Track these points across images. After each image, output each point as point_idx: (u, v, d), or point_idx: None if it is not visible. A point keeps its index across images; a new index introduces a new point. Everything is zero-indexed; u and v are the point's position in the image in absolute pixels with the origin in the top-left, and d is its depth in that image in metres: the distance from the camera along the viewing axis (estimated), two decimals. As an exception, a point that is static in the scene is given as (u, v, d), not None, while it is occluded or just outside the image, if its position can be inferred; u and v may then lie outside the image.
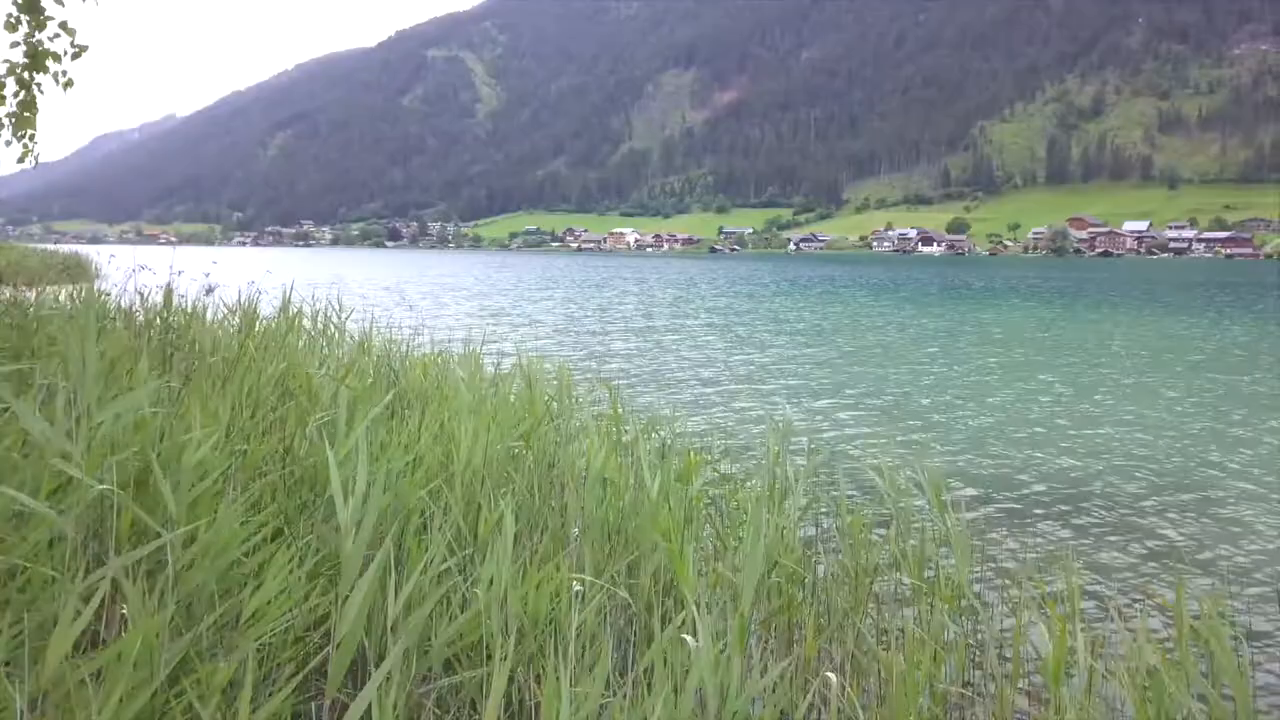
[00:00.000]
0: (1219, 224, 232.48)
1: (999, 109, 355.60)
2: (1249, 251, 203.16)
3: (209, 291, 6.79)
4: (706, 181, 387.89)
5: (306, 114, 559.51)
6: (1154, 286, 64.61)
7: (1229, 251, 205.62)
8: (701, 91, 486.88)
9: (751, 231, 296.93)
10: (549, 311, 33.98)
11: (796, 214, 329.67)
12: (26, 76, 5.81)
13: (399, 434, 4.22)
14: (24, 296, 9.04)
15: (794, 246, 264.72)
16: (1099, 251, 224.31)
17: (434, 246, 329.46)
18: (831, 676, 3.12)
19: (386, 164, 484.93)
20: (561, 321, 29.47)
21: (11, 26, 5.71)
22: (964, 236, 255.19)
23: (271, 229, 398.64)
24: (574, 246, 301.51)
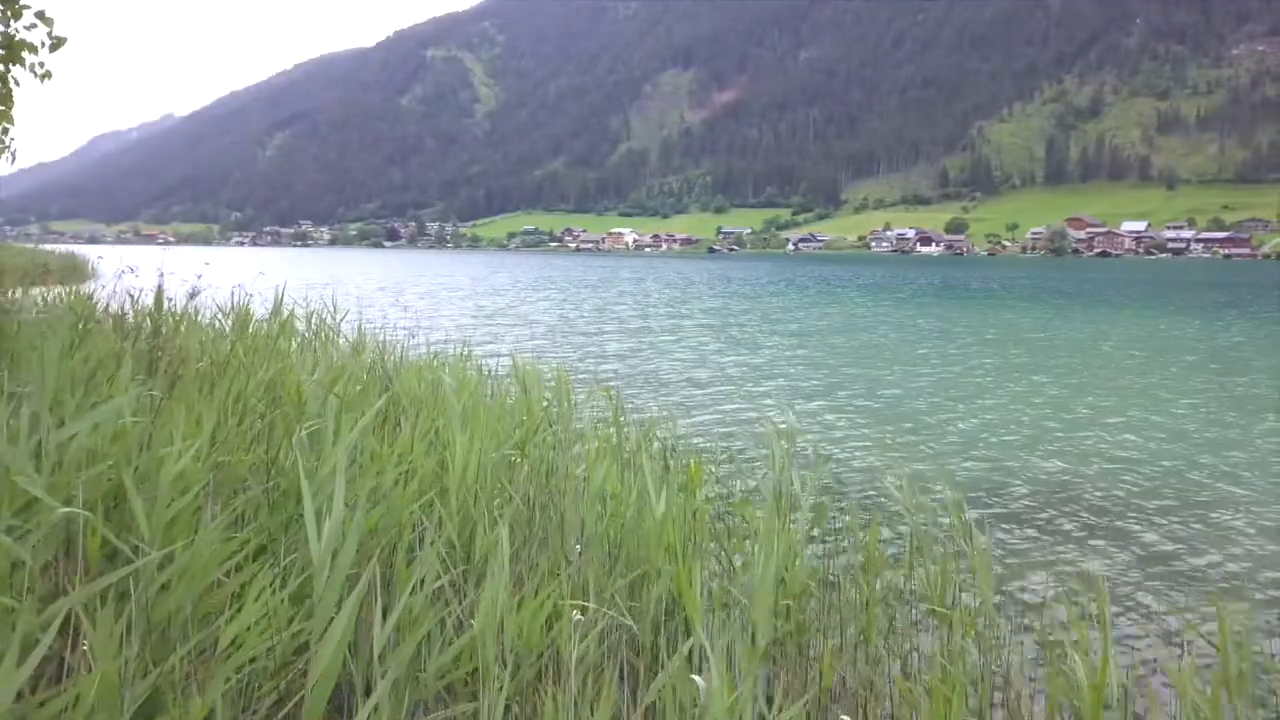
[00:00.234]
0: (1217, 224, 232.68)
1: (997, 109, 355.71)
2: (1247, 252, 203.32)
3: (194, 295, 6.63)
4: (705, 181, 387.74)
5: (305, 114, 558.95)
6: (1152, 287, 64.54)
7: (1227, 252, 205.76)
8: (700, 91, 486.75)
9: (750, 232, 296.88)
10: (546, 312, 33.86)
11: (795, 214, 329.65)
12: (2, 69, 5.45)
13: (391, 444, 4.07)
14: (5, 299, 8.89)
15: (792, 247, 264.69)
16: (1097, 252, 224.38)
17: (432, 247, 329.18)
18: (846, 720, 2.79)
19: (385, 164, 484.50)
20: (558, 322, 29.34)
21: (-16, 16, 5.37)
22: (962, 237, 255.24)
23: (270, 229, 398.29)
24: (572, 247, 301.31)
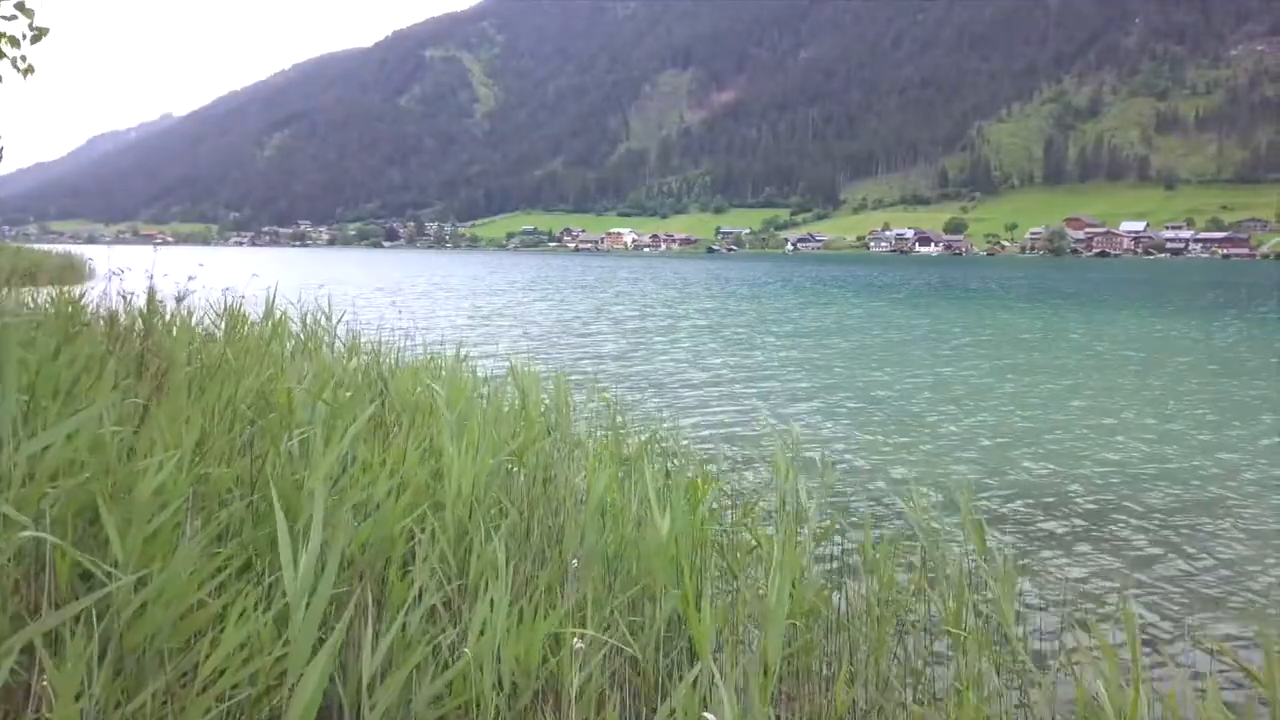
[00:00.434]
0: (1216, 224, 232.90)
1: (996, 109, 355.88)
2: (1245, 252, 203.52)
3: (180, 299, 6.56)
4: (704, 182, 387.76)
5: (303, 114, 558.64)
6: (1151, 287, 64.51)
7: (1226, 252, 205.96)
8: (699, 91, 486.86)
9: (749, 232, 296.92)
10: (543, 313, 33.80)
11: (794, 214, 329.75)
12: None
13: (384, 453, 3.95)
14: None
15: (791, 247, 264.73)
16: (1096, 252, 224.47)
17: (431, 247, 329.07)
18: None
19: (384, 164, 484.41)
20: (555, 322, 29.29)
21: (-40, 8, 5.02)
22: (961, 237, 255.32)
23: (268, 229, 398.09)
24: (571, 247, 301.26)
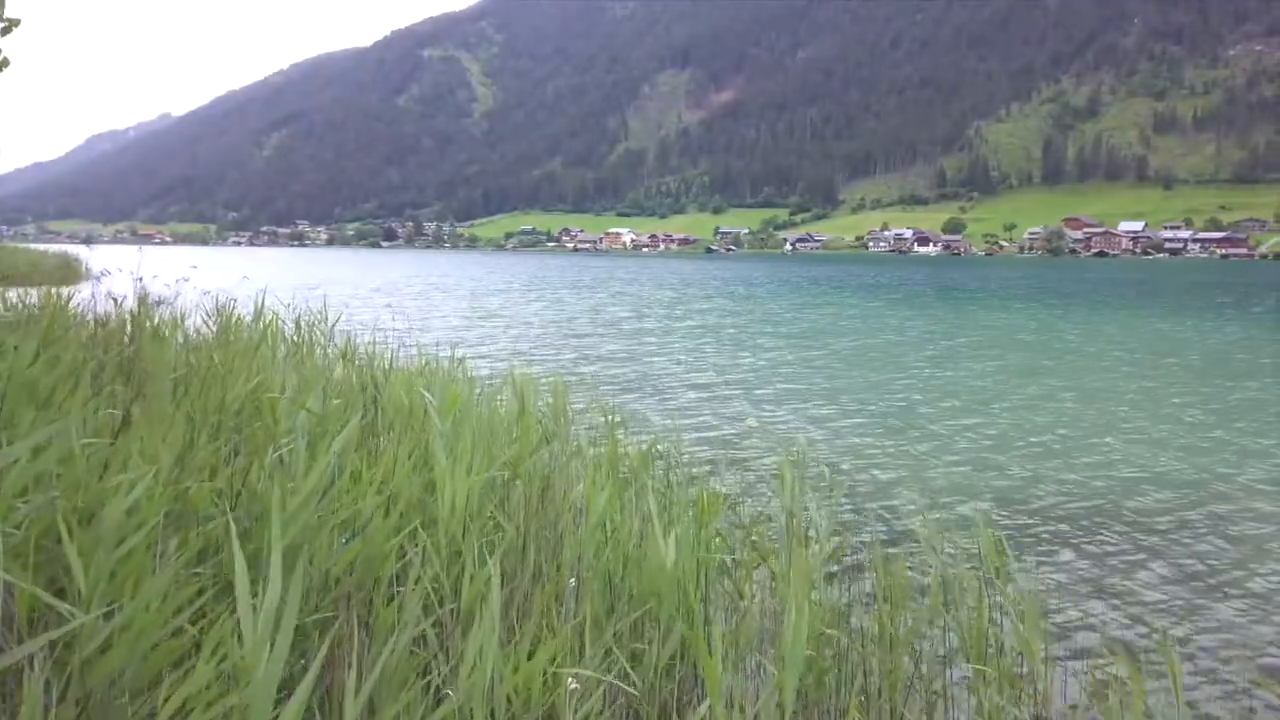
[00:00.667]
0: (1214, 224, 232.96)
1: (995, 109, 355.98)
2: (1244, 252, 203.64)
3: (161, 303, 6.47)
4: (703, 181, 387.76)
5: (302, 114, 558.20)
6: (1150, 288, 64.47)
7: (1224, 252, 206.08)
8: (697, 91, 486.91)
9: (747, 232, 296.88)
10: (540, 313, 33.71)
11: (792, 214, 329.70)
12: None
13: (373, 465, 3.77)
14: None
15: (790, 247, 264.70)
16: (1095, 252, 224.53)
17: (430, 247, 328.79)
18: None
19: (382, 164, 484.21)
20: (552, 323, 29.20)
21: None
22: (960, 237, 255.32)
23: (267, 229, 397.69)
24: (570, 247, 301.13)
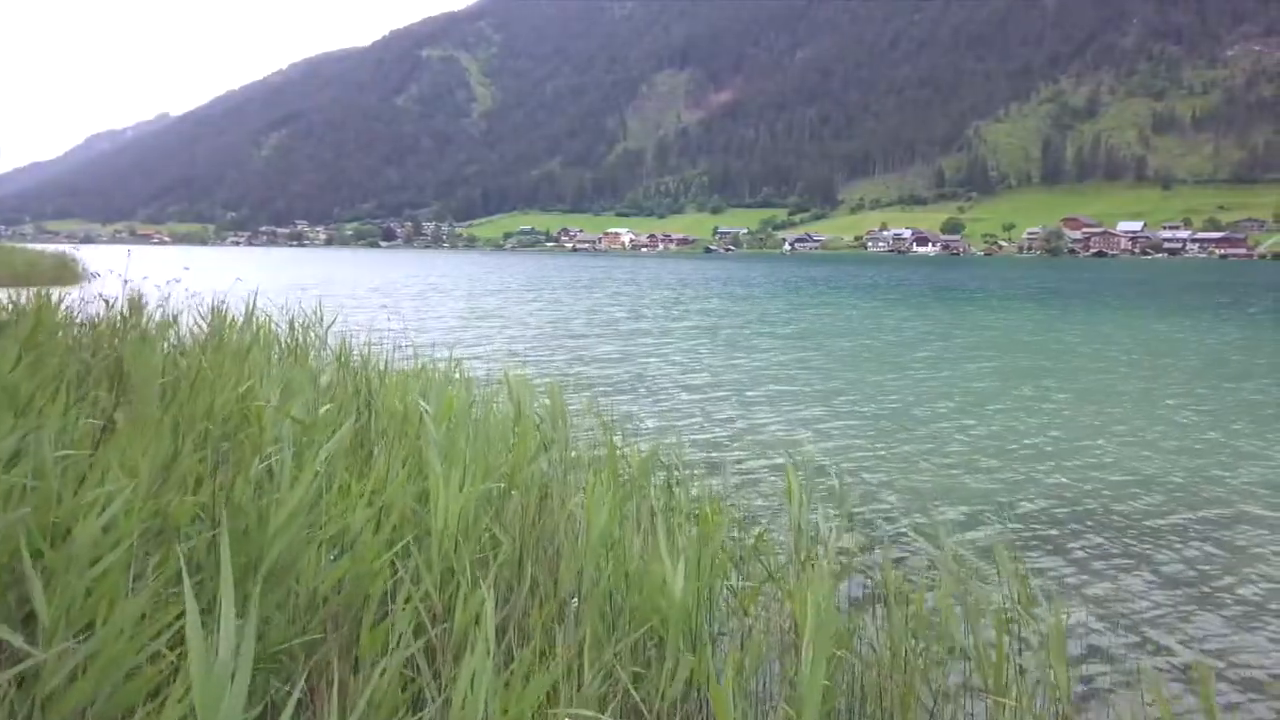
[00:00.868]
0: (1213, 224, 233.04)
1: (993, 109, 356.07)
2: (1243, 252, 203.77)
3: (142, 306, 6.38)
4: (701, 181, 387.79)
5: (300, 113, 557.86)
6: (1149, 288, 64.43)
7: (1223, 252, 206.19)
8: (696, 91, 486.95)
9: (746, 232, 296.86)
10: (538, 314, 33.63)
11: (791, 214, 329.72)
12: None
13: (364, 476, 3.65)
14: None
15: (789, 247, 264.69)
16: (1093, 252, 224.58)
17: (428, 246, 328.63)
18: None
19: (381, 164, 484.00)
20: (549, 324, 29.11)
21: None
22: (959, 237, 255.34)
23: (265, 229, 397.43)
24: (569, 247, 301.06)
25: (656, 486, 4.89)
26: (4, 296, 8.86)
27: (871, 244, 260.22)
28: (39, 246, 53.11)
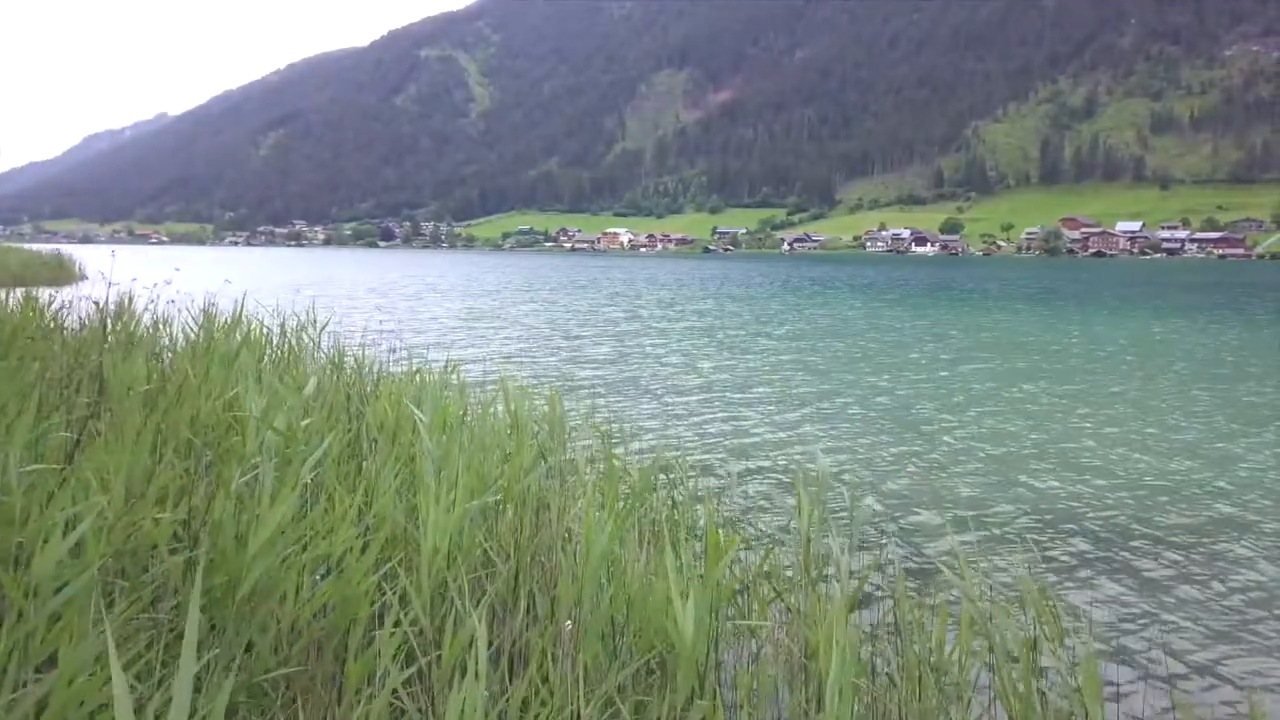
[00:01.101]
0: (1211, 224, 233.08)
1: (992, 109, 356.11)
2: (1241, 252, 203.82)
3: (122, 313, 6.20)
4: (700, 181, 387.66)
5: (299, 113, 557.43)
6: (1148, 288, 64.31)
7: (1221, 252, 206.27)
8: (695, 91, 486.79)
9: (745, 232, 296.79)
10: (534, 314, 33.48)
11: (790, 214, 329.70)
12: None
13: (352, 489, 3.49)
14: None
15: (788, 247, 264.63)
16: (1092, 252, 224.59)
17: (427, 246, 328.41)
18: None
19: (379, 164, 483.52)
20: (546, 324, 28.96)
21: None
22: (957, 237, 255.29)
23: (264, 229, 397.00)
24: (567, 247, 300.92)
25: (658, 496, 4.71)
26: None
27: (870, 244, 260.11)
28: (37, 247, 52.92)
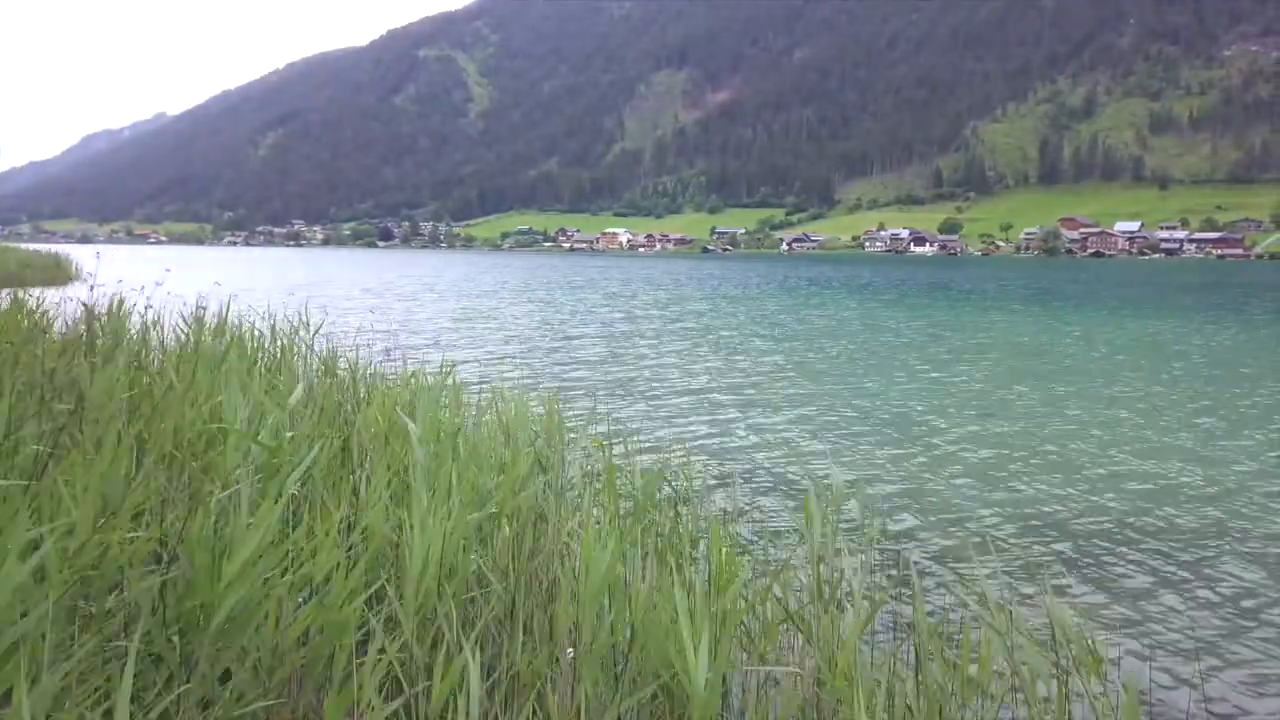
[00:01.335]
0: (1210, 224, 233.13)
1: (991, 109, 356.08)
2: (1240, 252, 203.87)
3: (108, 316, 6.05)
4: (699, 181, 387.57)
5: (297, 113, 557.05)
6: (1148, 288, 64.20)
7: (1220, 252, 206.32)
8: (694, 91, 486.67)
9: (744, 231, 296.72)
10: (531, 315, 33.33)
11: (789, 214, 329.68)
12: None
13: (337, 506, 3.33)
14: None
15: (787, 247, 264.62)
16: (1091, 252, 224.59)
17: (426, 246, 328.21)
18: None
19: (378, 163, 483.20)
20: (543, 325, 28.82)
21: None
22: (956, 237, 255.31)
23: (263, 229, 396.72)
24: (566, 246, 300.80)
25: (660, 509, 4.58)
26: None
27: (869, 244, 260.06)
28: (35, 247, 52.79)
